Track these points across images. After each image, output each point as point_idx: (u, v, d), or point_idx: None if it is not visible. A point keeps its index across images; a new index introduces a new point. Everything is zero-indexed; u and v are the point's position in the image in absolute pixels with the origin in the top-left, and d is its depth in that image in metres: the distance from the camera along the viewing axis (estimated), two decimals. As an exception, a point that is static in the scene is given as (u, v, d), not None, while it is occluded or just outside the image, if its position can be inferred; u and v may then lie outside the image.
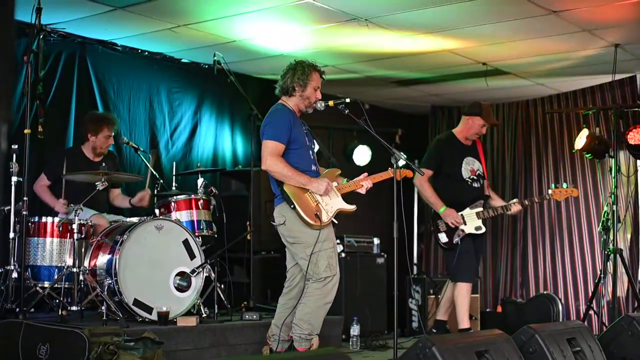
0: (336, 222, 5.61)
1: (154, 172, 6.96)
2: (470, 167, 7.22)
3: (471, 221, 7.10)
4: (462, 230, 7.07)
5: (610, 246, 7.36)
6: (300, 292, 5.58)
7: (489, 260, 9.73)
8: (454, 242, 7.07)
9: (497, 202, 7.40)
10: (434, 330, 7.43)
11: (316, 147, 5.95)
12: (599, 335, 5.51)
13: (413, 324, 8.45)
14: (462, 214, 7.08)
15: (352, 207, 5.69)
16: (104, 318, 5.56)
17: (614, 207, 7.40)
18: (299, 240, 5.48)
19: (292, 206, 5.41)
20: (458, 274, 7.13)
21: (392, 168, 5.61)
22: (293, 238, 5.52)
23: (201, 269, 6.19)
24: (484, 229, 7.16)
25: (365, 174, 5.83)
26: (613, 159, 7.61)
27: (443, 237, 7.12)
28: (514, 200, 7.43)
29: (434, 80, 9.13)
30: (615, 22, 6.84)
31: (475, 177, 7.21)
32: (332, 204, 5.57)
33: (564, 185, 7.30)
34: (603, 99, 8.83)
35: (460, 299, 7.11)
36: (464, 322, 7.09)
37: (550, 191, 7.28)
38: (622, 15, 6.64)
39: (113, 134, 6.89)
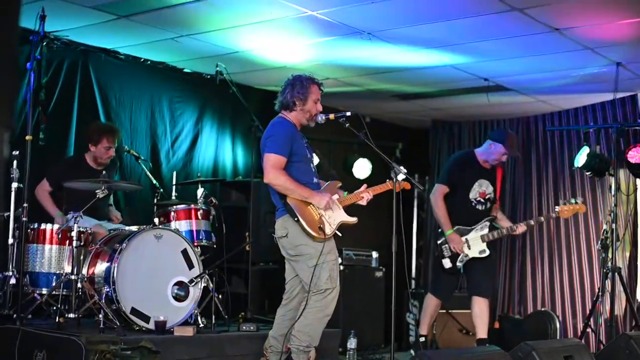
0: (340, 234, 5.59)
1: (155, 181, 7.00)
2: (482, 189, 7.19)
3: (475, 245, 7.10)
4: (466, 255, 7.09)
5: (609, 264, 7.34)
6: (299, 304, 5.56)
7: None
8: (457, 267, 7.11)
9: (503, 222, 7.36)
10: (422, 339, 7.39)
11: (316, 160, 5.94)
12: (596, 354, 5.51)
13: (410, 339, 8.44)
14: (466, 238, 7.09)
15: (354, 220, 5.68)
16: (101, 326, 5.54)
17: (613, 225, 7.38)
18: (302, 252, 5.44)
19: (295, 219, 5.39)
20: (476, 289, 7.20)
21: (391, 180, 5.62)
22: (295, 250, 5.48)
23: (199, 279, 6.18)
24: (487, 252, 7.13)
25: (365, 185, 5.84)
26: (613, 177, 7.61)
27: (447, 263, 7.13)
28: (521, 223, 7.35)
29: (435, 95, 9.14)
30: (617, 41, 6.86)
31: (482, 200, 7.18)
32: (335, 217, 5.55)
33: (572, 200, 7.28)
34: (604, 116, 8.85)
35: (481, 313, 7.19)
36: (482, 333, 7.19)
37: (557, 208, 7.22)
38: (624, 33, 6.66)
39: (115, 145, 6.85)
